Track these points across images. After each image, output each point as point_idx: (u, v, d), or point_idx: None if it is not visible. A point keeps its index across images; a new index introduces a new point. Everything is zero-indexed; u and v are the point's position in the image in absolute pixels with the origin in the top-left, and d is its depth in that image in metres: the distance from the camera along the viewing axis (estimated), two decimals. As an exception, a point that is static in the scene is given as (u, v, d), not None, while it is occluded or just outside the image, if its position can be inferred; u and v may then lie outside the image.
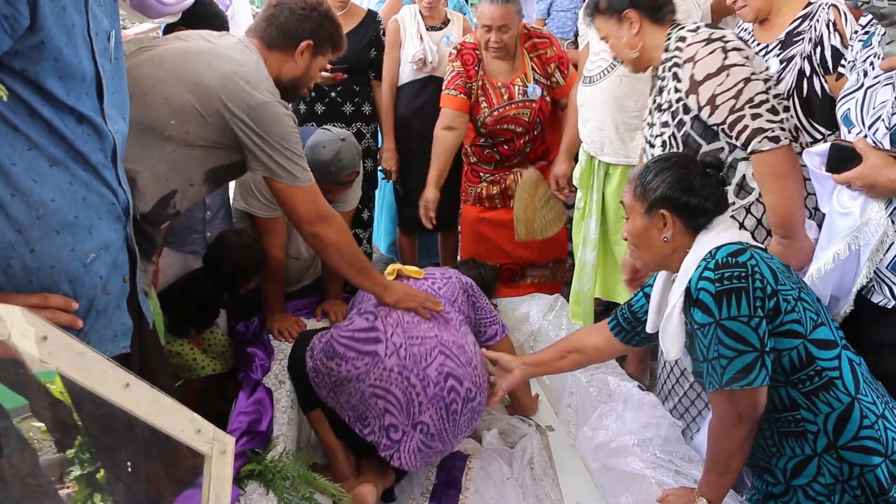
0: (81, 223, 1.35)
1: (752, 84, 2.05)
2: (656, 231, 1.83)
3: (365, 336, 2.29)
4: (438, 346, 2.29)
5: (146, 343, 1.67)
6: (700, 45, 2.12)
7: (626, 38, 2.29)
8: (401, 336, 2.29)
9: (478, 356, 2.38)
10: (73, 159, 1.33)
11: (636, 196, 1.86)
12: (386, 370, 2.22)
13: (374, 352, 2.25)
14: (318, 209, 2.16)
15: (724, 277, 1.64)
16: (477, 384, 2.31)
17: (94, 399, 0.94)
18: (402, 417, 2.23)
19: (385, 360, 2.23)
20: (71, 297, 1.35)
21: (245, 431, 2.14)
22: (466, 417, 2.31)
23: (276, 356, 2.69)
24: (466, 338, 2.42)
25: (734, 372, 1.64)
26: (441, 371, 2.24)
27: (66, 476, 1.16)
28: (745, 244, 1.73)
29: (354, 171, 2.78)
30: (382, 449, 2.24)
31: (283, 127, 2.02)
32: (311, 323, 2.99)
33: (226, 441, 1.13)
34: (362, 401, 2.24)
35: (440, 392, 2.23)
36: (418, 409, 2.22)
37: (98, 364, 0.92)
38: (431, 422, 2.23)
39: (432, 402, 2.22)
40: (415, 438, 2.24)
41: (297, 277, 3.14)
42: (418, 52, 3.56)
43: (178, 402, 1.07)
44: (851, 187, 1.75)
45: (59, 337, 0.88)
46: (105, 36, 1.39)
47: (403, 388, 2.22)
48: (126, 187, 1.50)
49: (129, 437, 1.12)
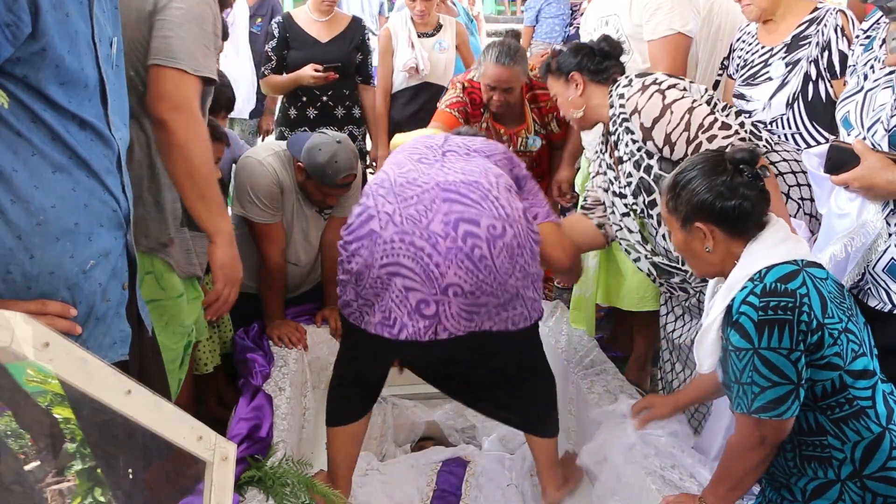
0: (82, 230, 1.35)
1: (697, 111, 2.08)
2: (698, 243, 1.74)
3: (359, 221, 2.04)
4: (439, 194, 2.00)
5: (145, 350, 1.67)
6: (638, 95, 2.16)
7: (572, 98, 2.36)
8: (392, 202, 2.01)
9: (501, 187, 2.04)
10: (77, 166, 1.33)
11: (669, 210, 1.78)
12: (387, 243, 1.97)
13: (370, 230, 2.00)
14: (186, 99, 1.75)
15: (770, 306, 1.56)
16: (503, 217, 1.98)
17: (94, 405, 0.94)
18: (427, 288, 1.97)
19: (382, 234, 1.98)
20: (70, 303, 1.34)
21: (245, 437, 2.14)
22: (504, 257, 1.96)
23: (275, 362, 2.69)
24: (486, 172, 2.08)
25: (766, 402, 1.58)
26: (447, 220, 1.96)
27: (67, 469, 1.15)
28: (800, 264, 1.62)
29: (351, 174, 2.78)
30: (424, 334, 2.00)
31: (197, 7, 1.78)
32: (311, 329, 2.99)
33: (227, 448, 1.12)
34: (384, 289, 2.01)
35: (454, 244, 1.94)
36: (438, 272, 1.95)
37: (100, 370, 0.92)
38: (460, 279, 1.95)
39: (448, 257, 1.94)
40: (452, 304, 1.97)
41: (296, 284, 3.13)
42: (410, 61, 3.58)
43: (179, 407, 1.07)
44: (849, 189, 1.75)
45: (60, 343, 0.87)
46: (108, 42, 1.39)
47: (412, 255, 1.96)
48: (129, 194, 1.50)
49: (130, 443, 1.12)
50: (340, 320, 2.25)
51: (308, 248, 3.04)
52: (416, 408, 2.96)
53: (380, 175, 2.14)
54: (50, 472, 1.14)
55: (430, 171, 2.07)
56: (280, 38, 3.68)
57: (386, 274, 1.98)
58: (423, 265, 1.95)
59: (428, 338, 2.00)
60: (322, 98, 3.68)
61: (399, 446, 2.88)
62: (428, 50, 3.64)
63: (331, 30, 3.71)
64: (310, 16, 3.72)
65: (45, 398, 1.07)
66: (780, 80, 2.24)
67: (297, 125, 3.71)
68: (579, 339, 3.03)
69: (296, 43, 3.68)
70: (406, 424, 2.94)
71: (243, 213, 2.83)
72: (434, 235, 1.95)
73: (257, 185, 2.78)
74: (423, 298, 1.97)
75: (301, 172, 2.81)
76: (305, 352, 2.90)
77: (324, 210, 3.00)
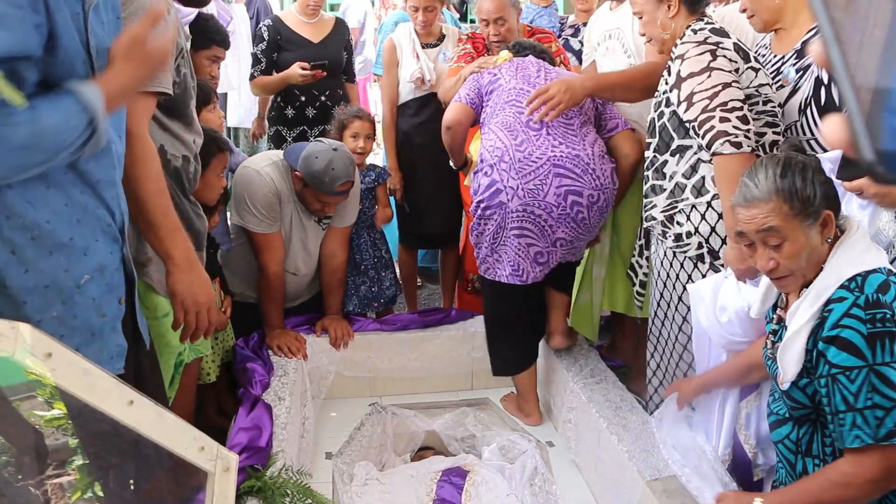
0: (76, 244, 1.35)
1: (730, 90, 2.08)
2: (817, 236, 1.57)
3: (489, 193, 2.59)
4: (551, 169, 2.56)
5: (142, 364, 1.66)
6: (692, 45, 2.17)
7: (661, 19, 2.34)
8: (515, 178, 2.55)
9: (596, 156, 2.62)
10: (72, 181, 1.33)
11: (795, 213, 1.56)
12: (514, 212, 2.57)
13: (499, 202, 2.58)
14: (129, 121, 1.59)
15: (878, 318, 1.45)
16: (598, 186, 2.60)
17: (96, 415, 0.94)
18: (543, 242, 2.64)
19: (509, 205, 2.57)
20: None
21: (245, 447, 2.13)
22: (595, 216, 2.66)
23: (275, 372, 2.69)
24: (584, 140, 2.65)
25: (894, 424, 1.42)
26: (559, 192, 2.56)
27: (67, 464, 1.15)
28: (885, 272, 1.52)
29: (348, 181, 2.79)
30: (540, 275, 2.72)
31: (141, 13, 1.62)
32: (311, 339, 2.99)
33: (229, 458, 1.12)
34: (509, 245, 2.64)
35: (564, 211, 2.58)
36: (552, 231, 2.61)
37: (102, 381, 0.92)
38: (565, 234, 2.64)
39: (560, 221, 2.59)
40: (557, 251, 2.69)
41: (295, 293, 3.13)
42: (416, 72, 3.59)
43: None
44: (862, 196, 1.73)
45: (63, 354, 0.88)
46: (105, 53, 1.39)
47: (533, 220, 2.59)
48: (124, 208, 1.49)
49: (131, 453, 1.12)
50: (479, 280, 2.90)
51: (307, 258, 3.04)
52: (416, 417, 2.96)
53: (495, 143, 2.61)
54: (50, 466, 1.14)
55: (540, 144, 2.59)
56: (270, 40, 3.73)
57: (513, 234, 2.62)
58: (540, 226, 2.60)
59: (542, 277, 2.74)
60: (320, 98, 3.77)
61: (399, 456, 2.87)
62: (433, 60, 3.65)
63: (320, 31, 3.82)
64: (298, 18, 3.79)
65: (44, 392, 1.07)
66: (792, 86, 2.25)
67: (296, 124, 3.79)
68: (579, 348, 3.03)
69: (288, 45, 3.75)
70: (406, 434, 2.93)
71: (241, 223, 2.83)
72: (549, 206, 2.56)
73: (255, 194, 2.78)
74: (539, 251, 2.66)
75: (298, 181, 2.81)
76: (305, 361, 2.89)
77: (323, 220, 3.01)
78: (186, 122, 1.99)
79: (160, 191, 1.68)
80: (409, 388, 3.20)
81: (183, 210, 1.96)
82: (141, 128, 1.65)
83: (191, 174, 2.05)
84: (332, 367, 3.06)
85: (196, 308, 1.74)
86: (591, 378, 2.76)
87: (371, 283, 3.33)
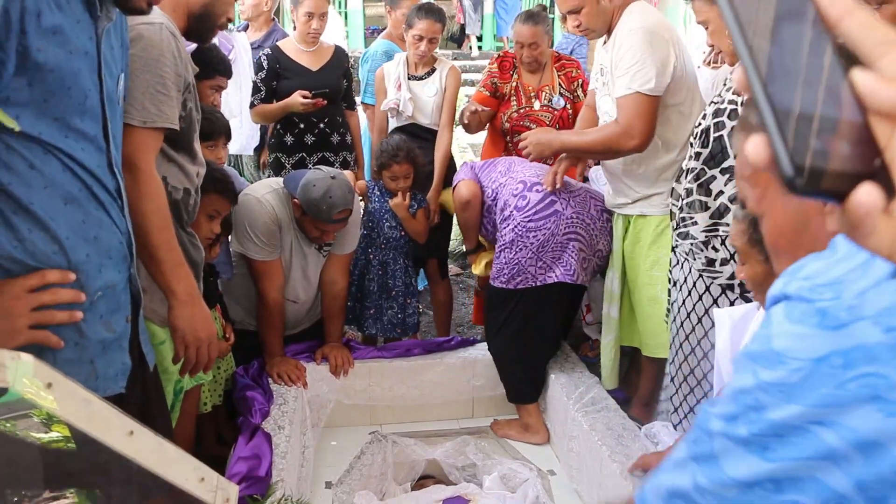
0: (92, 261, 1.38)
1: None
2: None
3: (543, 204, 2.92)
4: (588, 194, 3.07)
5: (147, 386, 1.66)
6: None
7: None
8: (565, 196, 2.96)
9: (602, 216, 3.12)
10: (87, 198, 1.36)
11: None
12: (569, 218, 2.93)
13: (555, 211, 2.91)
14: (134, 156, 1.64)
15: None
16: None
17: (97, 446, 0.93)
18: (588, 250, 3.00)
19: (564, 213, 2.92)
20: (76, 333, 1.36)
21: (244, 477, 2.12)
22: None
23: (275, 400, 2.67)
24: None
25: None
26: (598, 209, 3.03)
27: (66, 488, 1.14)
28: None
29: (346, 209, 2.79)
30: (585, 279, 3.05)
31: (150, 51, 1.68)
32: (311, 367, 2.98)
33: (229, 489, 1.11)
34: (563, 250, 2.94)
35: (604, 224, 3.03)
36: (595, 241, 3.00)
37: (103, 411, 0.91)
38: (603, 246, 3.04)
39: (601, 233, 3.02)
40: (594, 259, 3.05)
41: (296, 321, 3.12)
42: (391, 101, 3.68)
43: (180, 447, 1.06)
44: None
45: (64, 384, 0.87)
46: (115, 79, 1.42)
47: (584, 226, 2.96)
48: (130, 227, 1.51)
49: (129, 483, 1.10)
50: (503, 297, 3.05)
51: (307, 286, 3.03)
52: (417, 446, 2.94)
53: (535, 170, 3.06)
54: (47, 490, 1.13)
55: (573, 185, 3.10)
56: (270, 69, 3.75)
57: (566, 239, 2.93)
58: (588, 233, 2.98)
59: (586, 282, 3.12)
60: (319, 125, 3.77)
61: (399, 485, 2.84)
62: (416, 91, 3.70)
63: (319, 59, 3.83)
64: (297, 46, 3.81)
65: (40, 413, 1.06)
66: None
67: (294, 151, 3.80)
68: (579, 376, 3.02)
69: (288, 73, 3.77)
70: (406, 463, 2.91)
71: (242, 250, 2.83)
72: (593, 217, 3.00)
73: (255, 222, 2.78)
74: (585, 257, 3.00)
75: (297, 209, 2.82)
76: (305, 389, 2.88)
77: (323, 247, 3.01)
78: (191, 155, 2.01)
79: (165, 226, 1.70)
80: (409, 417, 3.18)
81: (179, 241, 1.97)
82: (148, 163, 1.68)
83: (190, 206, 2.06)
84: (332, 395, 3.05)
85: (197, 343, 1.74)
86: (592, 406, 2.75)
87: (398, 309, 3.40)
